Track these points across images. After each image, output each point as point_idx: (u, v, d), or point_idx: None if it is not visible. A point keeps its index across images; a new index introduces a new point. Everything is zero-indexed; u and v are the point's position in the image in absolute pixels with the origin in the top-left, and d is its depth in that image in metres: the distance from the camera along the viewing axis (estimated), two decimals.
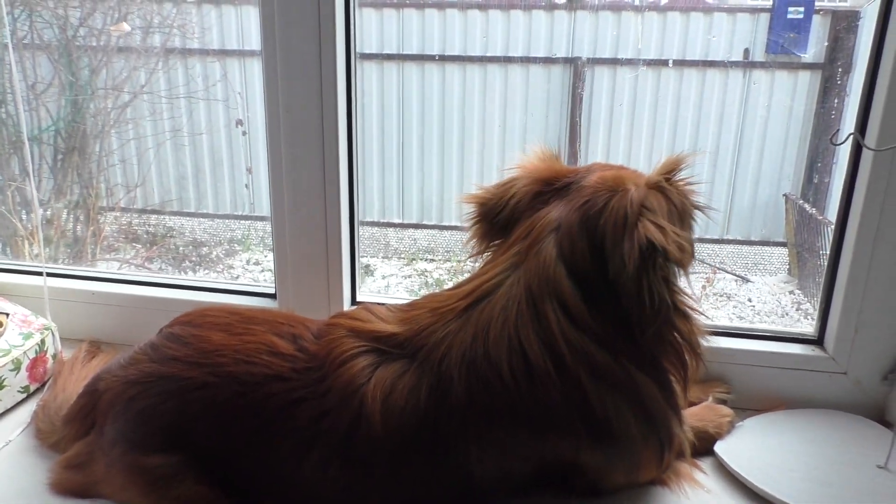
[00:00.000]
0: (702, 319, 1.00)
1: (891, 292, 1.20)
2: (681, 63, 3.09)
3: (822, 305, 1.29)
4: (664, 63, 3.08)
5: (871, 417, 1.23)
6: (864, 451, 1.14)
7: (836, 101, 2.73)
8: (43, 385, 1.35)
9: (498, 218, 1.03)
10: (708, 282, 3.25)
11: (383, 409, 0.91)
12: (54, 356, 1.38)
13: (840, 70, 2.82)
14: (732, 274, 3.36)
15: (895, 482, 1.08)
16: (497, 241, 1.03)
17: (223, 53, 3.09)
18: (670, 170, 0.99)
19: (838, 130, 1.06)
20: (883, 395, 1.25)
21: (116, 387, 1.02)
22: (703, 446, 1.15)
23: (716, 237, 3.37)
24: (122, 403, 1.00)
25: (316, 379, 0.95)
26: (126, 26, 2.89)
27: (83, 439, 1.07)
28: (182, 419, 0.98)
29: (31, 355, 1.32)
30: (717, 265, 3.37)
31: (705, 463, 1.14)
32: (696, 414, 1.18)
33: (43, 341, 1.35)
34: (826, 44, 2.84)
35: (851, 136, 1.17)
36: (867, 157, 1.16)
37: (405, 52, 3.25)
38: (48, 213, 2.95)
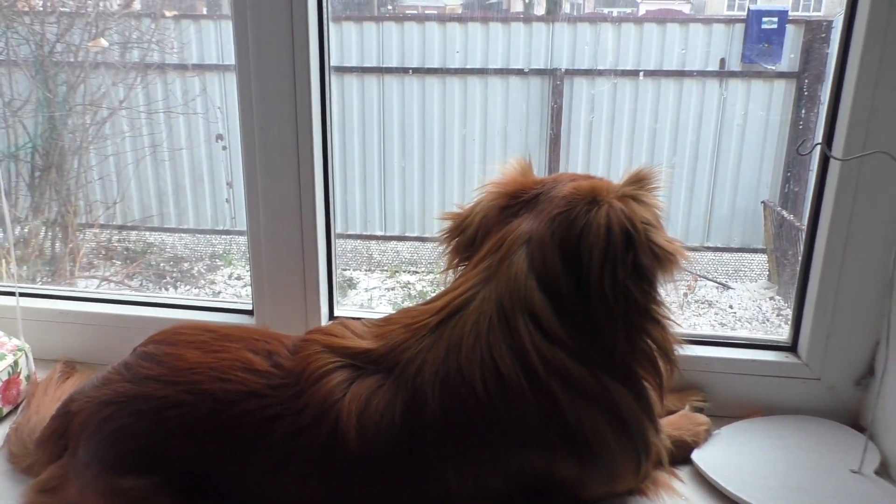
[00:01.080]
0: (675, 327, 1.01)
1: (861, 298, 1.22)
2: (658, 73, 3.13)
3: (795, 312, 1.30)
4: (642, 74, 3.12)
5: (844, 422, 1.25)
6: (838, 456, 1.15)
7: (804, 110, 2.78)
8: (16, 407, 1.33)
9: (466, 233, 1.04)
10: (689, 289, 3.28)
11: (359, 424, 0.91)
12: (28, 378, 1.36)
13: (814, 79, 2.86)
14: (713, 281, 3.38)
15: (869, 486, 1.10)
16: (469, 255, 1.04)
17: (202, 68, 3.09)
18: (641, 181, 1.00)
19: (804, 140, 1.08)
20: (856, 401, 1.26)
21: (89, 408, 1.01)
22: (681, 454, 1.16)
23: (696, 244, 3.40)
24: (95, 424, 0.99)
25: (292, 395, 0.95)
26: (104, 42, 2.88)
27: (56, 462, 1.05)
28: (157, 439, 0.97)
29: (4, 377, 1.30)
30: (698, 272, 3.39)
31: (682, 471, 1.14)
32: (673, 423, 1.18)
33: (16, 363, 1.33)
34: (792, 55, 2.89)
35: (818, 146, 1.19)
36: (835, 166, 1.18)
37: (385, 65, 3.26)
38: (26, 230, 2.92)
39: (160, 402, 0.97)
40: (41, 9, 2.77)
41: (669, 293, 1.00)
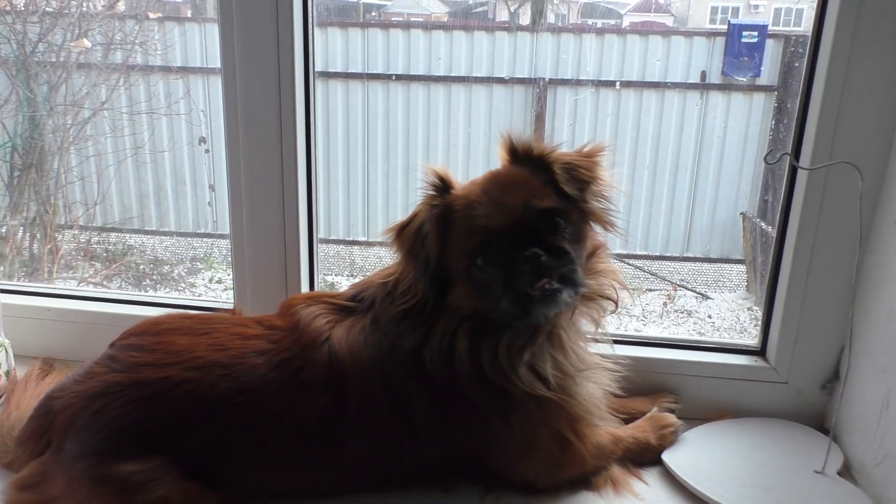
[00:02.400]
0: None
1: (828, 304, 1.26)
2: (640, 85, 3.17)
3: (764, 318, 1.34)
4: (618, 84, 3.16)
5: (810, 425, 1.28)
6: (803, 458, 1.19)
7: (775, 121, 2.84)
8: None
9: None
10: (669, 298, 3.31)
11: (347, 347, 1.06)
12: (7, 374, 1.36)
13: (792, 92, 2.92)
14: (693, 291, 3.42)
15: (832, 487, 1.13)
16: None
17: (186, 71, 3.08)
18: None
19: (772, 150, 1.11)
20: (822, 404, 1.30)
21: (77, 403, 1.02)
22: (647, 457, 1.19)
23: (676, 254, 3.45)
24: (85, 418, 1.00)
25: (294, 340, 1.07)
26: (86, 42, 2.87)
27: (38, 459, 1.06)
28: (160, 422, 1.00)
29: None
30: (678, 282, 3.43)
31: (652, 472, 1.17)
32: (639, 426, 1.22)
33: None
34: (766, 68, 2.95)
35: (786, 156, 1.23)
36: (802, 176, 1.22)
37: (370, 71, 3.28)
38: (3, 230, 2.90)
39: (161, 384, 1.01)
40: (23, 8, 2.75)
41: None
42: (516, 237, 0.98)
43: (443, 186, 1.07)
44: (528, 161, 1.06)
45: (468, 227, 1.01)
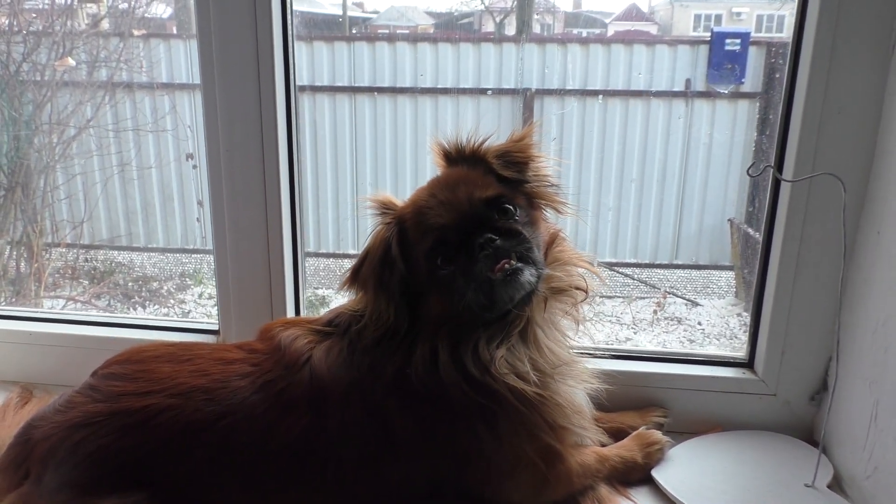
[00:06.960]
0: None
1: (814, 315, 1.25)
2: (626, 94, 3.18)
3: (752, 329, 1.33)
4: (601, 96, 3.17)
5: (800, 437, 1.27)
6: (793, 471, 1.18)
7: (757, 131, 2.85)
8: None
9: None
10: (659, 306, 3.32)
11: (327, 367, 1.06)
12: None
13: (776, 99, 2.93)
14: (682, 298, 3.42)
15: (822, 500, 1.12)
16: None
17: (172, 87, 3.08)
18: None
19: (755, 163, 1.11)
20: (810, 416, 1.29)
21: (58, 433, 1.01)
22: (635, 476, 1.18)
23: (665, 262, 3.45)
24: (66, 449, 0.99)
25: (275, 361, 1.07)
26: (71, 61, 2.86)
27: (17, 490, 1.03)
28: (143, 451, 0.99)
29: None
30: (668, 289, 3.44)
31: (641, 491, 1.16)
32: (625, 444, 1.21)
33: None
34: (746, 74, 2.97)
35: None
36: (786, 187, 1.22)
37: (357, 85, 3.27)
38: None
39: (144, 412, 1.00)
40: (7, 28, 2.74)
41: None
42: (468, 229, 1.00)
43: (389, 209, 1.10)
44: (462, 160, 1.09)
45: (422, 231, 1.03)
